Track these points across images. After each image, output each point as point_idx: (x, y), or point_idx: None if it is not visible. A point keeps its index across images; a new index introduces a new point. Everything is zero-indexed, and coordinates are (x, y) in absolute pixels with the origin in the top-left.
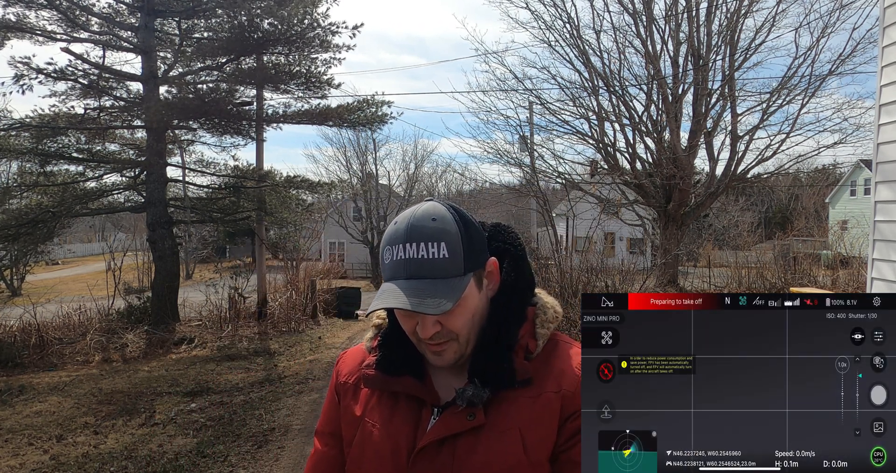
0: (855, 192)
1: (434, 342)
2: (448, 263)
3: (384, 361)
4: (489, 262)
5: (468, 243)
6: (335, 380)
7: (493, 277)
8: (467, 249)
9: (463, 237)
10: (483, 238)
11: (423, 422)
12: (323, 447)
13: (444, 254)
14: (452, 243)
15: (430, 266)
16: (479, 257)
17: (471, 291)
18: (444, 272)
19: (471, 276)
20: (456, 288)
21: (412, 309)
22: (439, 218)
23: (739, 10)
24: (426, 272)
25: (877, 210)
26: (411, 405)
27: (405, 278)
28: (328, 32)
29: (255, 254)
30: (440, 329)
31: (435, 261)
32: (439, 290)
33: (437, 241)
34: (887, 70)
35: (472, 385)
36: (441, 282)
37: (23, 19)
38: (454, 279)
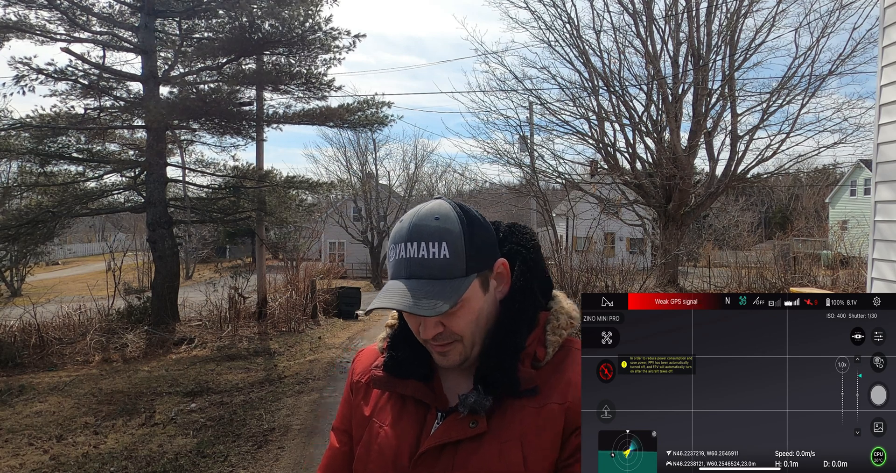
0: (855, 192)
1: (438, 342)
2: (449, 263)
3: (391, 362)
4: (497, 263)
5: (471, 243)
6: (350, 378)
7: (502, 279)
8: (470, 249)
9: (466, 237)
10: (491, 239)
11: (427, 426)
12: (337, 443)
13: (444, 254)
14: (454, 243)
15: (430, 266)
16: (484, 259)
17: (474, 292)
18: (444, 273)
19: (474, 277)
20: (455, 290)
21: (406, 310)
22: (442, 217)
23: (739, 10)
24: (426, 272)
25: (877, 210)
26: (418, 407)
27: (405, 277)
28: (329, 37)
29: (255, 254)
30: (442, 331)
31: (435, 261)
32: (438, 291)
33: (439, 240)
34: (887, 70)
35: (475, 392)
36: (440, 283)
37: (23, 19)
38: (455, 280)
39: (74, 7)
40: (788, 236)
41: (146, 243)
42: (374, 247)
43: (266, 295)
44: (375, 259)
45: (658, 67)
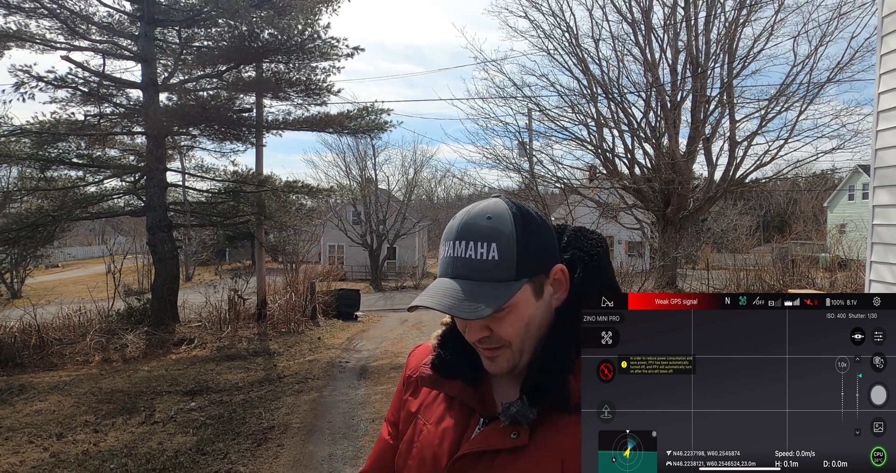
0: (853, 196)
1: (485, 346)
2: (497, 266)
3: (439, 361)
4: (555, 269)
5: (524, 246)
6: (404, 372)
7: (560, 286)
8: (522, 253)
9: (519, 240)
10: (549, 242)
11: (469, 430)
12: (387, 436)
13: (493, 256)
14: (505, 245)
15: (477, 267)
16: (538, 263)
17: (524, 298)
18: (491, 275)
19: (524, 282)
20: (501, 294)
21: (445, 311)
22: (495, 217)
23: (738, 19)
24: (473, 273)
25: (875, 214)
26: (463, 410)
27: (451, 276)
28: (328, 45)
29: (254, 257)
30: (489, 335)
31: (483, 262)
32: (482, 293)
33: (488, 241)
34: (886, 78)
35: (519, 402)
36: (486, 285)
37: (23, 28)
38: (502, 284)
39: (74, 16)
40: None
41: (146, 247)
42: (374, 250)
43: (265, 297)
44: (375, 262)
45: (657, 75)
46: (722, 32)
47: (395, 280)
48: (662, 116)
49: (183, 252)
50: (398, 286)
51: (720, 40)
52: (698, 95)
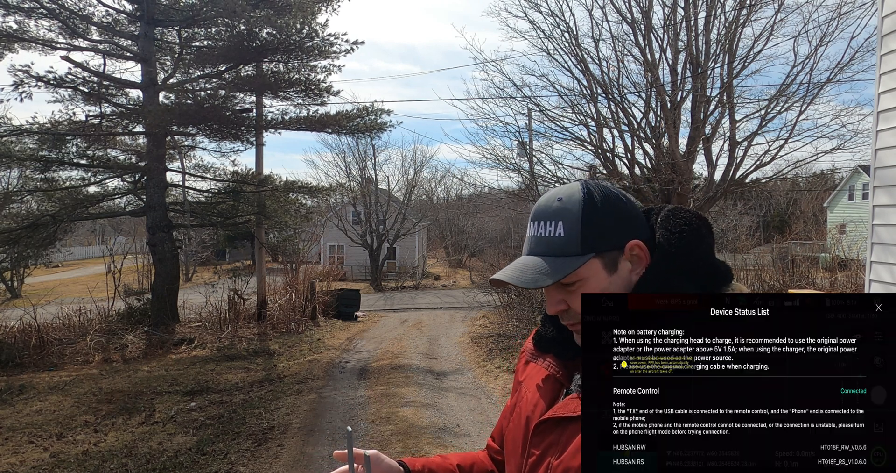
0: (853, 196)
1: (566, 321)
2: (563, 241)
3: (537, 337)
4: (630, 245)
5: (591, 223)
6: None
7: (638, 261)
8: (588, 228)
9: (584, 216)
10: (626, 220)
11: (557, 400)
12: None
13: (559, 233)
14: (570, 222)
15: (545, 243)
16: (609, 239)
17: (593, 272)
18: (557, 250)
19: (591, 256)
20: (564, 266)
21: (509, 281)
22: (566, 198)
23: (738, 19)
24: (542, 249)
25: (875, 214)
26: (556, 381)
27: (526, 253)
28: (326, 43)
29: (254, 257)
30: (566, 308)
31: (551, 239)
32: (547, 266)
33: (556, 220)
34: (885, 78)
35: None
36: (552, 259)
37: (23, 28)
38: (568, 258)
39: (74, 16)
40: (787, 239)
41: (146, 246)
42: (374, 250)
43: (265, 297)
44: (375, 262)
45: (657, 75)
46: (722, 32)
47: (395, 280)
48: (662, 116)
49: (183, 252)
50: (398, 286)
51: (720, 40)
52: (698, 95)
